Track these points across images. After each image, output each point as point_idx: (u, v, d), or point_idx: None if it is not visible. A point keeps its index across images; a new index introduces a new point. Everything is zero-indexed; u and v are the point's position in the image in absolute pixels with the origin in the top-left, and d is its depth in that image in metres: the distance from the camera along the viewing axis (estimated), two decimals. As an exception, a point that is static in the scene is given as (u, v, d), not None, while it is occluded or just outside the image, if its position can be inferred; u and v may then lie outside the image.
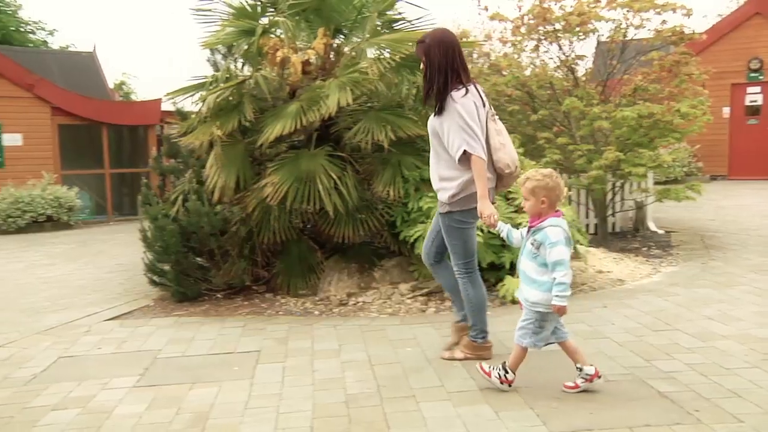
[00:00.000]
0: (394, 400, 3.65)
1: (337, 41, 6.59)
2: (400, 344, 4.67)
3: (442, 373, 4.02)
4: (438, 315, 5.47)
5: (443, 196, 4.07)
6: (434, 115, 4.06)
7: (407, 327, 5.10)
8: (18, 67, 13.89)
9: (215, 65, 7.11)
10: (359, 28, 6.42)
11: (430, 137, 4.14)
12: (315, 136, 6.20)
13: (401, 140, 6.00)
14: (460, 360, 4.24)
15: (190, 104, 6.70)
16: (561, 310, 3.48)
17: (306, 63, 6.06)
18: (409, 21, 6.31)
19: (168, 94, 6.60)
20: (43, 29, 28.53)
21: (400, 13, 6.51)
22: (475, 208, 3.92)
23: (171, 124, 7.50)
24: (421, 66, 4.13)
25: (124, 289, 7.05)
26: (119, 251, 9.91)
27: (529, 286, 3.61)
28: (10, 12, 26.91)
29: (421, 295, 5.92)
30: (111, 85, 20.69)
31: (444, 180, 4.06)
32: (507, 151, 4.07)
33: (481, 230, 5.55)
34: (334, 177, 5.73)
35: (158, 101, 15.15)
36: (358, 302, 5.90)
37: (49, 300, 6.67)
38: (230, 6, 6.36)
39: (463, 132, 3.86)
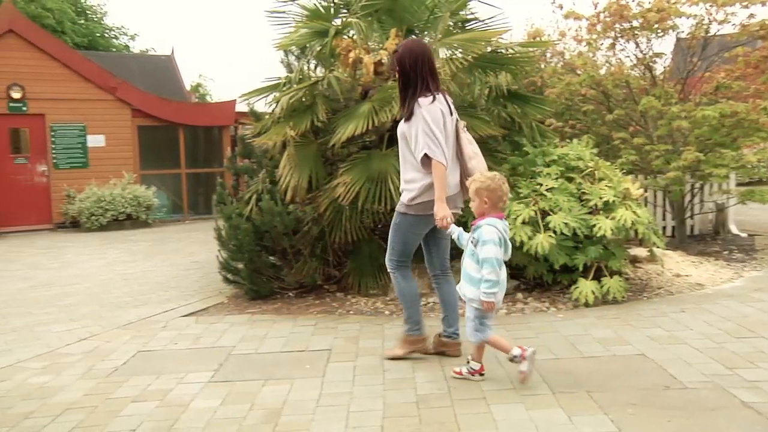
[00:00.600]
0: (465, 402, 3.62)
1: (409, 42, 6.59)
2: (470, 345, 4.62)
3: (513, 375, 3.96)
4: (509, 317, 5.41)
5: (404, 197, 4.24)
6: (404, 121, 4.20)
7: (478, 328, 5.06)
8: (102, 71, 14.42)
9: (289, 66, 7.22)
10: (431, 28, 6.39)
11: (399, 141, 4.28)
12: (387, 136, 6.21)
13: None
14: (400, 356, 4.40)
15: (263, 105, 6.83)
16: (488, 306, 3.67)
17: (378, 63, 6.07)
18: (482, 20, 6.25)
19: (243, 95, 6.74)
20: (125, 34, 29.66)
21: (472, 13, 6.48)
22: (430, 215, 4.09)
23: (245, 124, 7.66)
24: (396, 75, 4.32)
25: (199, 286, 7.24)
26: (194, 249, 10.17)
27: (467, 282, 3.82)
28: (96, 19, 28.06)
29: (492, 296, 5.86)
30: (188, 87, 21.26)
31: (407, 182, 4.22)
32: (480, 159, 4.25)
33: (554, 232, 5.47)
34: (406, 177, 5.72)
35: (233, 102, 15.49)
36: (428, 303, 5.88)
37: (129, 296, 6.91)
38: (304, 8, 6.44)
39: (426, 137, 4.02)
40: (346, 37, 6.20)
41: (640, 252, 6.87)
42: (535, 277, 6.01)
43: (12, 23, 13.50)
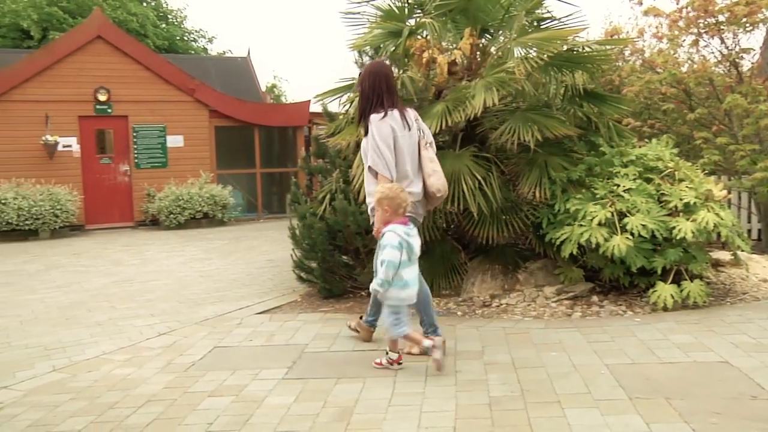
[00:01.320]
0: (539, 405, 3.57)
1: (483, 41, 6.55)
2: (545, 348, 4.56)
3: (588, 379, 3.88)
4: (584, 320, 5.30)
5: (368, 208, 4.63)
6: (365, 136, 4.54)
7: (552, 331, 4.99)
8: (181, 73, 14.85)
9: (363, 67, 7.25)
10: (506, 27, 6.34)
11: (361, 156, 4.61)
12: (460, 136, 6.19)
13: (548, 141, 5.88)
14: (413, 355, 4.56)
15: (337, 106, 6.89)
16: (376, 293, 4.18)
17: (452, 63, 6.06)
18: (558, 19, 6.14)
19: (317, 96, 6.81)
20: (203, 37, 30.44)
21: (548, 11, 6.37)
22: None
23: (319, 125, 7.74)
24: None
25: (273, 284, 7.37)
26: (268, 248, 10.36)
27: None
28: (176, 23, 28.95)
29: (567, 299, 5.77)
30: (263, 88, 21.66)
31: (369, 194, 4.52)
32: (438, 176, 4.53)
33: (632, 233, 5.34)
34: (479, 177, 5.69)
35: (307, 103, 15.70)
36: (501, 304, 5.83)
37: (206, 292, 7.09)
38: (378, 8, 6.47)
39: (373, 152, 4.35)
40: (419, 37, 6.21)
41: (723, 256, 6.63)
42: (611, 280, 5.87)
43: (100, 29, 14.06)
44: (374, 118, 4.40)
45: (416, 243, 4.23)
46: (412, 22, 6.39)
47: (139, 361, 4.76)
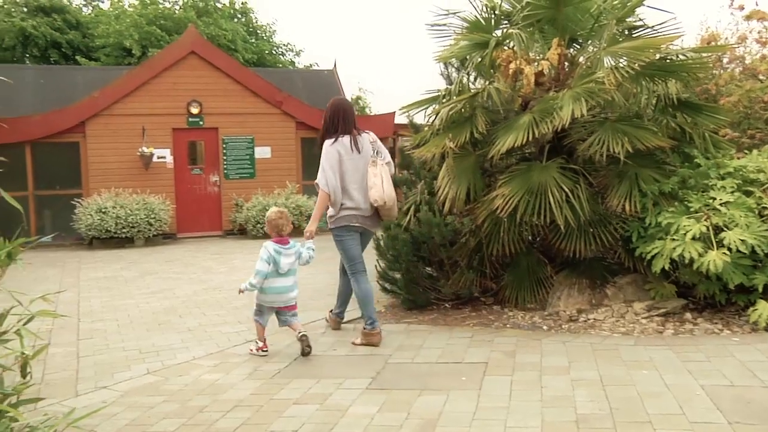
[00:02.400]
0: (629, 425, 3.46)
1: (571, 51, 6.44)
2: (635, 366, 4.42)
3: (683, 400, 3.73)
4: (677, 338, 5.11)
5: (328, 219, 5.47)
6: None
7: (642, 348, 4.82)
8: (270, 86, 15.22)
9: (448, 78, 7.26)
10: (595, 36, 6.21)
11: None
12: (547, 148, 6.09)
13: (639, 152, 5.72)
14: (356, 345, 5.31)
15: (422, 117, 6.91)
16: (240, 291, 5.13)
17: (539, 74, 5.99)
18: (651, 27, 5.97)
19: (403, 107, 6.86)
20: (291, 50, 31.16)
21: (640, 20, 6.19)
22: (345, 226, 5.39)
23: (404, 136, 7.76)
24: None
25: (358, 293, 7.40)
26: (353, 258, 10.44)
27: None
28: (265, 37, 29.78)
29: (658, 315, 5.58)
30: (348, 100, 21.95)
31: (330, 205, 5.39)
32: (377, 189, 5.31)
33: (729, 249, 5.11)
34: (566, 190, 5.58)
35: (392, 115, 15.78)
36: (588, 319, 5.69)
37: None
38: (464, 20, 6.46)
39: (320, 170, 5.31)
40: (506, 48, 6.16)
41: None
42: (705, 297, 5.63)
43: (194, 45, 14.60)
44: (326, 143, 5.35)
45: (284, 261, 5.08)
46: (498, 33, 6.36)
47: (227, 367, 4.89)
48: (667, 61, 5.88)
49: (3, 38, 25.52)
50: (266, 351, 5.19)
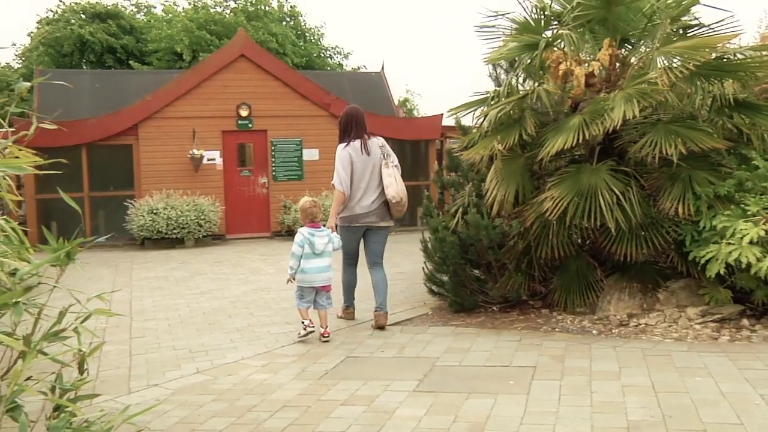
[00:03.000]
0: (683, 433, 3.38)
1: (623, 51, 6.33)
2: (688, 372, 4.32)
3: (740, 409, 3.63)
4: (733, 345, 4.97)
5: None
6: None
7: (696, 354, 4.71)
8: (318, 89, 15.33)
9: (497, 80, 7.23)
10: (648, 36, 6.09)
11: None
12: (597, 149, 6.00)
13: (693, 154, 5.58)
14: (339, 317, 6.37)
15: (470, 119, 6.87)
16: (288, 281, 5.76)
17: (589, 75, 5.90)
18: (707, 25, 5.83)
19: (451, 110, 6.84)
20: (339, 53, 31.37)
21: (695, 18, 6.05)
22: (348, 226, 6.04)
23: (452, 138, 7.74)
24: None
25: (405, 296, 7.42)
26: (399, 260, 10.44)
27: None
28: (313, 41, 30.06)
29: (713, 321, 5.43)
30: (396, 102, 21.98)
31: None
32: (393, 187, 5.95)
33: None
34: (617, 192, 5.49)
35: (439, 117, 15.74)
36: (639, 324, 5.58)
37: (338, 302, 7.21)
38: (514, 21, 6.41)
39: (335, 171, 5.95)
40: (556, 49, 6.09)
41: None
42: (764, 303, 5.47)
43: (243, 48, 14.80)
44: (339, 147, 6.02)
45: (318, 241, 5.59)
46: (548, 34, 6.29)
47: (275, 368, 4.93)
48: (724, 60, 5.74)
49: (62, 45, 26.38)
50: (312, 327, 5.61)
